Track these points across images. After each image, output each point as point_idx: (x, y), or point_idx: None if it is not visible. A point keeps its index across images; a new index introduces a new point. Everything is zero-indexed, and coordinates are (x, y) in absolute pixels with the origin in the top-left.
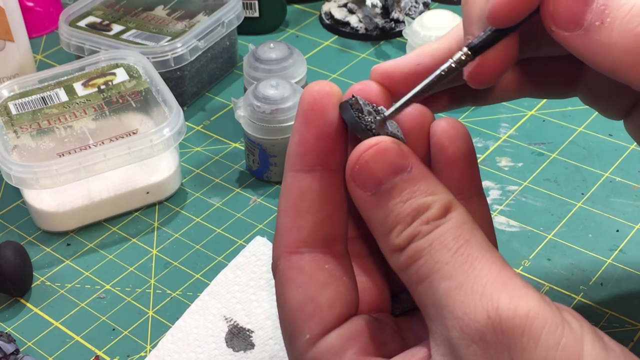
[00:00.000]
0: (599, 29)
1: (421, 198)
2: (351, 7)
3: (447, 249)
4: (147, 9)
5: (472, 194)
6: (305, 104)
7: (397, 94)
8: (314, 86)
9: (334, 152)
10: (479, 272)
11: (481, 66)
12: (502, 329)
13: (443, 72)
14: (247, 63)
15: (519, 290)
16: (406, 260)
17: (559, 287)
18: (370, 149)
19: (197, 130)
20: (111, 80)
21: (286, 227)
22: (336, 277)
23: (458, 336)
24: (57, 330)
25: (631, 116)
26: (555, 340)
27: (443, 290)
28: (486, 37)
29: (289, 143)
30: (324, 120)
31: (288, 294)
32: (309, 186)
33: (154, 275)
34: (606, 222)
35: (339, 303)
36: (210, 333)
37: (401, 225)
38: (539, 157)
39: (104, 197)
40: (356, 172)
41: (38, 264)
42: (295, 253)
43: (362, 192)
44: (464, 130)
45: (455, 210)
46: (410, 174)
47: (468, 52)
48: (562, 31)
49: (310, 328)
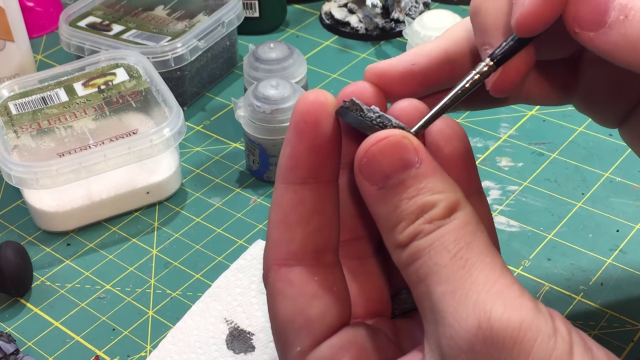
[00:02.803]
0: (623, 23)
1: (427, 196)
2: (351, 7)
3: (446, 251)
4: (147, 9)
5: (470, 193)
6: (297, 116)
7: (391, 94)
8: (309, 96)
9: (325, 165)
10: (476, 278)
11: (504, 76)
12: (492, 340)
13: (468, 84)
14: (247, 63)
15: (514, 300)
16: (407, 258)
17: (559, 287)
18: (378, 143)
19: (197, 130)
20: (111, 80)
21: (276, 239)
22: (326, 288)
23: (447, 344)
24: (57, 330)
25: (626, 124)
26: (547, 354)
27: (438, 294)
28: (508, 47)
29: (280, 154)
30: (316, 132)
31: (278, 306)
32: (300, 199)
33: (154, 275)
34: (606, 222)
35: (329, 314)
36: (211, 335)
37: (405, 222)
38: (539, 157)
39: (104, 197)
40: (363, 164)
41: (38, 264)
42: (285, 265)
43: (369, 185)
44: (460, 130)
45: (461, 211)
46: (419, 170)
47: (490, 63)
48: (586, 32)
49: (300, 340)
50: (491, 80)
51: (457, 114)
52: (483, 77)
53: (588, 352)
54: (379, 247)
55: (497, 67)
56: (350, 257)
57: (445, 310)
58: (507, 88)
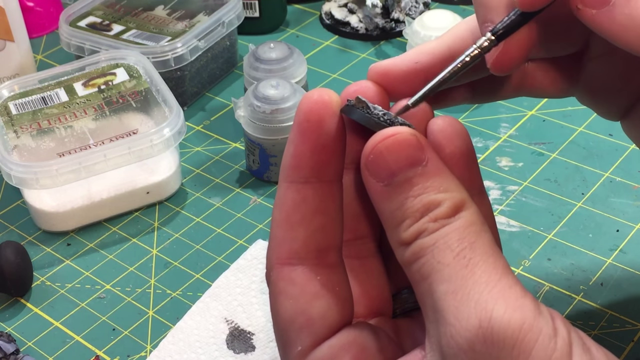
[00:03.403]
0: (628, 3)
1: (433, 194)
2: (351, 7)
3: (450, 250)
4: (147, 9)
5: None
6: (301, 115)
7: (394, 93)
8: (312, 95)
9: (329, 164)
10: (478, 278)
11: (505, 52)
12: (492, 340)
13: (467, 58)
14: (248, 63)
15: (515, 301)
16: (410, 256)
17: (559, 287)
18: (386, 140)
19: (197, 130)
20: (111, 80)
21: (279, 238)
22: (328, 288)
23: (447, 343)
24: (57, 330)
25: (629, 117)
26: (547, 355)
27: (440, 293)
28: (510, 21)
29: (284, 153)
30: (319, 132)
31: (280, 305)
32: (303, 198)
33: (154, 275)
34: (606, 222)
35: (330, 314)
36: (211, 335)
37: (409, 219)
38: (539, 157)
39: (104, 197)
40: (370, 161)
41: (38, 264)
42: (287, 264)
43: (375, 182)
44: (462, 129)
45: (466, 210)
46: (425, 169)
47: (492, 38)
48: (589, 9)
49: (302, 340)
50: (492, 55)
51: (457, 113)
52: (483, 51)
53: (587, 352)
54: (381, 247)
55: (498, 42)
56: (351, 257)
57: (447, 309)
58: (507, 65)
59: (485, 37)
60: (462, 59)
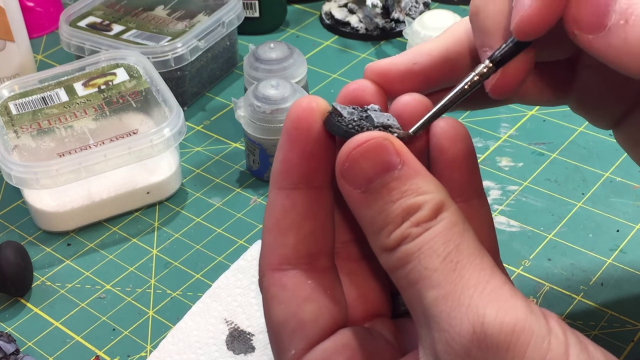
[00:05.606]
0: (623, 28)
1: (412, 198)
2: (351, 7)
3: (436, 255)
4: (147, 9)
5: (472, 196)
6: (289, 122)
7: (392, 92)
8: (301, 103)
9: (317, 170)
10: (467, 281)
11: (503, 78)
12: (487, 345)
13: (467, 85)
14: (248, 63)
15: (505, 302)
16: (396, 263)
17: (559, 287)
18: (360, 146)
19: (197, 130)
20: (111, 80)
21: (269, 244)
22: (319, 291)
23: (443, 350)
24: (57, 330)
25: (620, 126)
26: (541, 355)
27: (430, 299)
28: (508, 49)
29: (273, 159)
30: (307, 139)
31: (272, 310)
32: (292, 204)
33: (154, 275)
34: (606, 222)
35: (322, 317)
36: (211, 335)
37: (391, 225)
38: (539, 157)
39: (104, 197)
40: (345, 169)
41: (38, 264)
42: (278, 270)
43: (352, 189)
44: (464, 131)
45: (446, 211)
46: (401, 172)
47: (489, 65)
48: (585, 34)
49: (295, 344)
50: (490, 82)
51: (457, 114)
52: (482, 78)
53: (584, 352)
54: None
55: (496, 69)
56: (349, 259)
57: (439, 315)
58: (506, 90)
59: (483, 64)
60: (461, 86)
